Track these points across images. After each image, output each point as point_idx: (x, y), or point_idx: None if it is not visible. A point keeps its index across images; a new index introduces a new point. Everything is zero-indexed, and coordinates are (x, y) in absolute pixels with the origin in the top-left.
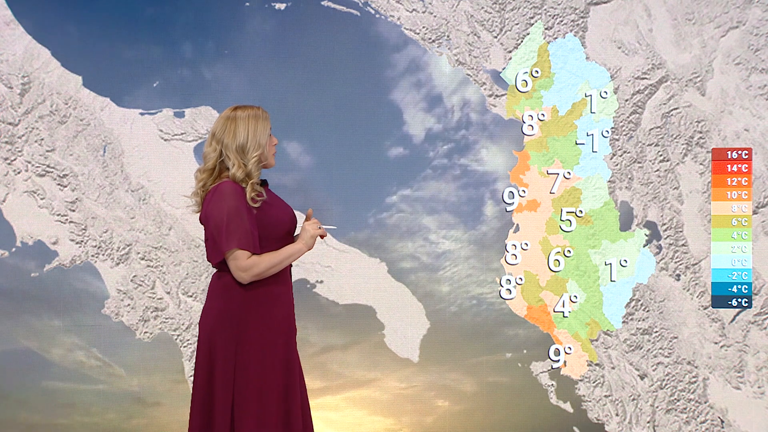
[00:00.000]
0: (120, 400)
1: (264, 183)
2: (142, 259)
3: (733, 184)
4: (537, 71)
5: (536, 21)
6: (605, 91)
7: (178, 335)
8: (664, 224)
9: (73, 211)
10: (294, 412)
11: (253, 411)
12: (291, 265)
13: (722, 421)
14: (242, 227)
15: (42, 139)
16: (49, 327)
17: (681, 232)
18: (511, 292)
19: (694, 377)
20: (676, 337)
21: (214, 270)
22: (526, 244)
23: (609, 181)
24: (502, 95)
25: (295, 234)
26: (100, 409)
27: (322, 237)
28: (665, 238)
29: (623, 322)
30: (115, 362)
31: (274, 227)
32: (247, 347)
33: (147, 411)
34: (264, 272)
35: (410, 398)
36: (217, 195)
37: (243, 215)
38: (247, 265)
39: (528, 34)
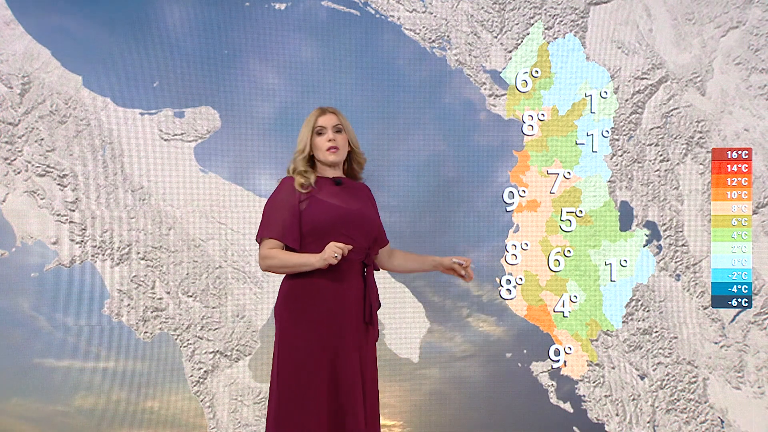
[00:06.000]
0: (117, 399)
1: (338, 182)
2: (142, 259)
3: (733, 184)
4: (537, 71)
5: (536, 21)
6: (605, 91)
7: (178, 335)
8: (664, 224)
9: (73, 211)
10: (349, 411)
11: (295, 419)
12: (357, 260)
13: (722, 421)
14: (277, 218)
15: (42, 139)
16: (48, 327)
17: (681, 232)
18: (511, 292)
19: (694, 377)
20: (676, 337)
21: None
22: (526, 244)
23: (609, 181)
24: (502, 95)
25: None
26: (101, 390)
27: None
28: (665, 238)
29: (623, 322)
30: (115, 362)
31: (308, 223)
32: (285, 348)
33: (145, 411)
34: (276, 268)
35: (410, 398)
36: (276, 188)
37: (284, 208)
38: (265, 254)
39: (528, 34)
